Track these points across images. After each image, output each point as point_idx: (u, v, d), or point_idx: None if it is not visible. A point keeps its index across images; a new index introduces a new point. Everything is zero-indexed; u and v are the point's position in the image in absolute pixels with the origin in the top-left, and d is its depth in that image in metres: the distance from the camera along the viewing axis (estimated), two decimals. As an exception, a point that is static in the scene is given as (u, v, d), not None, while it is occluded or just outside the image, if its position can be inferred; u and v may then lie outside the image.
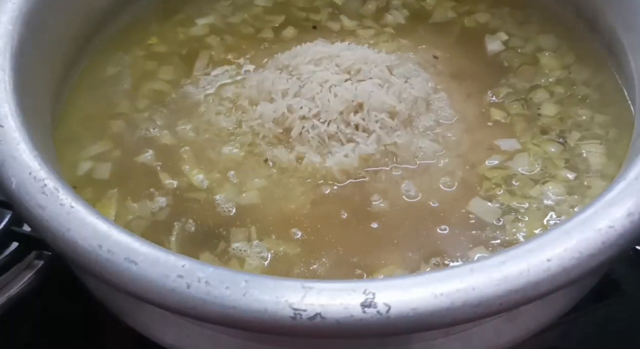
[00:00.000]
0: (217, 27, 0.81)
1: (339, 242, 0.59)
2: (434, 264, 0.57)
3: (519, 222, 0.59)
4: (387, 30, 0.80)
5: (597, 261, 0.43)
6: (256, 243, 0.59)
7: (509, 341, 0.54)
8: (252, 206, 0.62)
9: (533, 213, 0.60)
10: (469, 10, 0.82)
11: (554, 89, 0.71)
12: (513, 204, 0.61)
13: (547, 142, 0.66)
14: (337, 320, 0.40)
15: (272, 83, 0.69)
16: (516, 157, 0.65)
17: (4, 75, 0.57)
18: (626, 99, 0.68)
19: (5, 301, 0.67)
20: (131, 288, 0.43)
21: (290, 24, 0.81)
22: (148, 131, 0.69)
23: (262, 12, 0.83)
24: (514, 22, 0.79)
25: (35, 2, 0.64)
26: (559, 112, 0.68)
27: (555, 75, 0.72)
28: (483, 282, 0.41)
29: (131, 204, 0.63)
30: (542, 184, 0.62)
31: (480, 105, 0.70)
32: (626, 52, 0.66)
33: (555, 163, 0.64)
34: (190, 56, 0.78)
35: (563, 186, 0.62)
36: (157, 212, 0.62)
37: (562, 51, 0.75)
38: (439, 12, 0.82)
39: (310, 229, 0.60)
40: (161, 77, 0.75)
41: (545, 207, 0.60)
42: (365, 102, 0.65)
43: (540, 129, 0.67)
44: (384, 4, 0.83)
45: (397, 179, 0.63)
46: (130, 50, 0.78)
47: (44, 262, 0.70)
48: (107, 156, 0.67)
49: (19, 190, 0.49)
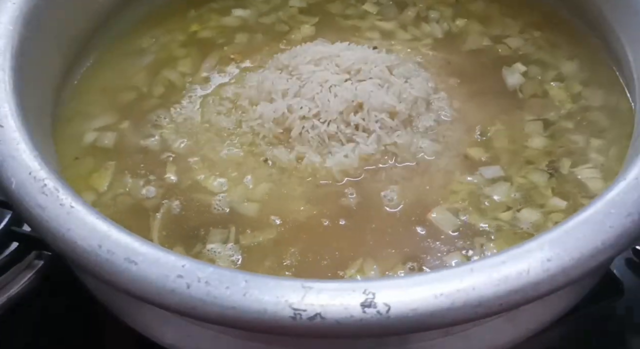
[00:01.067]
0: (249, 22, 0.83)
1: (336, 242, 0.59)
2: (410, 269, 0.56)
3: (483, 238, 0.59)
4: (423, 42, 0.79)
5: (597, 261, 0.43)
6: (230, 246, 0.59)
7: (509, 341, 0.54)
8: (250, 206, 0.62)
9: (503, 233, 0.59)
10: (500, 35, 0.79)
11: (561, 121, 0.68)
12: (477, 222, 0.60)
13: (533, 172, 0.63)
14: (337, 320, 0.40)
15: (272, 83, 0.69)
16: (496, 185, 0.62)
17: (4, 75, 0.57)
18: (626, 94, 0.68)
19: (5, 301, 0.67)
20: (131, 288, 0.43)
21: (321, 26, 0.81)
22: (159, 118, 0.70)
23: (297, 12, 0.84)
24: (546, 46, 0.76)
25: (35, 2, 0.64)
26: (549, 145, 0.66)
27: (567, 109, 0.69)
28: (483, 282, 0.41)
29: (126, 179, 0.64)
30: (516, 211, 0.60)
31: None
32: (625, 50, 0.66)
33: (542, 193, 0.62)
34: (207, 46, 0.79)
35: (539, 212, 0.60)
36: (146, 195, 0.63)
37: (582, 77, 0.72)
38: (472, 39, 0.78)
39: (308, 229, 0.60)
40: (179, 68, 0.76)
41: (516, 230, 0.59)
42: (365, 102, 0.65)
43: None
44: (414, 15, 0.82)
45: (397, 179, 0.63)
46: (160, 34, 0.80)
47: (44, 262, 0.71)
48: (115, 127, 0.69)
49: (19, 190, 0.49)
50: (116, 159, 0.66)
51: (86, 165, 0.65)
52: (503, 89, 0.72)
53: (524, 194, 0.61)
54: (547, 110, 0.69)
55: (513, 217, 0.60)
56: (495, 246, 0.58)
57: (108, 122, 0.70)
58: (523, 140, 0.66)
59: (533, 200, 0.61)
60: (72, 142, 0.67)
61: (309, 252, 0.58)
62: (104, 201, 0.62)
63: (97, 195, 0.63)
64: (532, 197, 0.61)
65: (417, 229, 0.59)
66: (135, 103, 0.72)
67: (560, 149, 0.65)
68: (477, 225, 0.59)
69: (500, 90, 0.72)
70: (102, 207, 0.61)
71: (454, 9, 0.82)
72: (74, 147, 0.67)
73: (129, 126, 0.69)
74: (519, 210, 0.60)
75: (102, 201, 0.62)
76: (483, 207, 0.61)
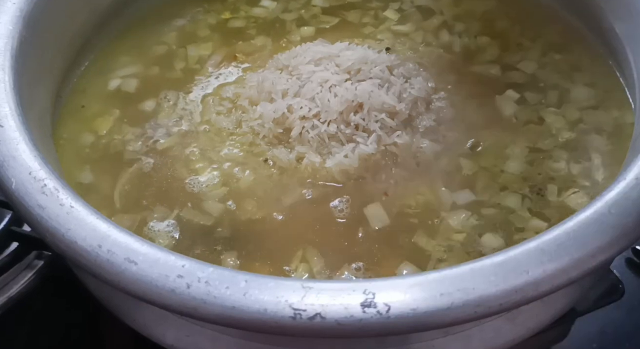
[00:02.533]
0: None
1: (333, 242, 0.59)
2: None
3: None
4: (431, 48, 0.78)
5: (597, 261, 0.43)
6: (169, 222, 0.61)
7: (509, 341, 0.54)
8: (248, 206, 0.62)
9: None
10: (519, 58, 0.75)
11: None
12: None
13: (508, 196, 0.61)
14: (337, 320, 0.40)
15: (272, 83, 0.69)
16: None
17: (4, 75, 0.57)
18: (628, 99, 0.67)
19: (5, 301, 0.67)
20: (131, 288, 0.43)
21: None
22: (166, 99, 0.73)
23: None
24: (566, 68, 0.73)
25: (36, 2, 0.64)
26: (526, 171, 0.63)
27: (565, 137, 0.66)
28: (483, 282, 0.41)
29: (125, 127, 0.69)
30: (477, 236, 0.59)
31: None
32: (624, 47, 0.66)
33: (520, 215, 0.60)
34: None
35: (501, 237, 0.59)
36: (137, 156, 0.66)
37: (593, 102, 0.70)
38: (483, 65, 0.75)
39: (307, 229, 0.60)
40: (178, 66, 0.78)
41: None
42: (365, 102, 0.65)
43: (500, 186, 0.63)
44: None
45: (397, 179, 0.63)
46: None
47: (44, 262, 0.70)
48: (138, 75, 0.75)
49: (19, 190, 0.49)
50: (121, 107, 0.72)
51: (92, 109, 0.71)
52: (499, 116, 0.69)
53: (491, 219, 0.60)
54: (542, 137, 0.66)
55: (469, 240, 0.59)
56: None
57: (134, 71, 0.75)
58: (505, 162, 0.64)
59: (509, 224, 0.59)
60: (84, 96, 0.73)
61: (242, 242, 0.59)
62: (99, 143, 0.68)
63: (96, 137, 0.69)
64: (507, 220, 0.60)
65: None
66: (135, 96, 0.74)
67: (540, 176, 0.63)
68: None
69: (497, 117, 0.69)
70: (94, 149, 0.68)
71: (480, 24, 0.80)
72: (84, 97, 0.73)
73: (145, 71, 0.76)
74: (481, 235, 0.59)
75: (99, 143, 0.68)
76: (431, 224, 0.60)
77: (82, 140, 0.69)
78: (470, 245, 0.58)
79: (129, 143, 0.68)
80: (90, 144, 0.68)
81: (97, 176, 0.65)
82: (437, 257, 0.57)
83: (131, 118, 0.71)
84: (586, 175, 0.63)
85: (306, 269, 0.57)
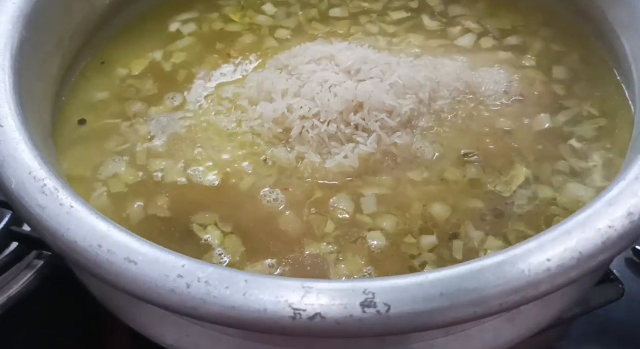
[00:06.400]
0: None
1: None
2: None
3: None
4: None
5: (597, 261, 0.43)
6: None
7: (509, 341, 0.54)
8: (248, 205, 0.62)
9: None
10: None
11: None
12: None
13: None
14: (337, 320, 0.40)
15: (272, 83, 0.69)
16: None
17: (4, 76, 0.57)
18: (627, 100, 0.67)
19: (5, 301, 0.67)
20: (131, 288, 0.43)
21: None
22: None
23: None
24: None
25: (35, 2, 0.64)
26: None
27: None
28: (483, 282, 0.41)
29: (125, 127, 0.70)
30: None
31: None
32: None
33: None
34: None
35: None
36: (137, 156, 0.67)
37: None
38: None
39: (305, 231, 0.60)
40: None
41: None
42: (366, 102, 0.65)
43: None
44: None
45: (397, 179, 0.63)
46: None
47: (44, 262, 0.71)
48: (138, 75, 0.76)
49: (18, 190, 0.49)
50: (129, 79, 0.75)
51: (98, 79, 0.75)
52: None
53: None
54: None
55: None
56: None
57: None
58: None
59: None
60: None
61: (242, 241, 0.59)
62: (123, 85, 0.74)
63: (129, 73, 0.75)
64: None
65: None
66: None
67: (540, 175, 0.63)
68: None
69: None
70: (112, 88, 0.73)
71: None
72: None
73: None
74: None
75: (124, 83, 0.74)
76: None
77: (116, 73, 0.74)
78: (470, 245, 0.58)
79: (129, 143, 0.68)
80: (121, 79, 0.73)
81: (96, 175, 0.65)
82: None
83: (131, 118, 0.71)
84: (586, 175, 0.63)
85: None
